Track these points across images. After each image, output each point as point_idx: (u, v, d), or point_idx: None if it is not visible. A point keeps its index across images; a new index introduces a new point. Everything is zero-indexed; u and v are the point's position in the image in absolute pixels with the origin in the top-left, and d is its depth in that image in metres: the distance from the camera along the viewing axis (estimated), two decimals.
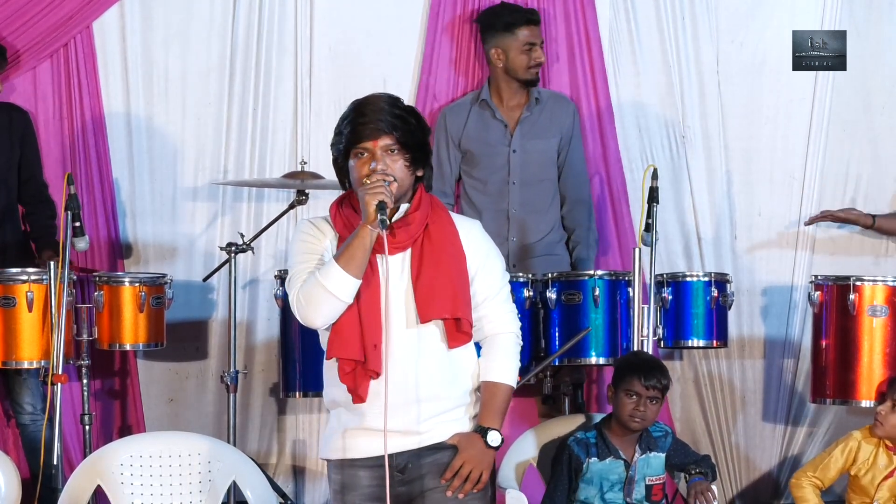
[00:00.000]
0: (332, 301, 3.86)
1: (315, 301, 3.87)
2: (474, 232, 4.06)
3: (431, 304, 3.91)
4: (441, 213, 4.02)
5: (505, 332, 4.04)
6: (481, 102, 6.30)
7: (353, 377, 3.91)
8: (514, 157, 6.25)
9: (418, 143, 3.96)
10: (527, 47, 6.23)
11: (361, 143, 3.91)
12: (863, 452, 5.58)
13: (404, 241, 3.93)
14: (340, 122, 3.98)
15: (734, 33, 6.67)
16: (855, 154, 6.71)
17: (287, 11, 6.49)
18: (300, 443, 6.52)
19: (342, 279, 3.84)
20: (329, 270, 3.86)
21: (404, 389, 3.90)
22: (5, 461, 5.07)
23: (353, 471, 3.96)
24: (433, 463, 3.95)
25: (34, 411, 5.97)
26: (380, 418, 3.85)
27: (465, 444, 3.95)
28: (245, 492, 5.02)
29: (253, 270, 6.47)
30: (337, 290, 3.85)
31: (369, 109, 3.94)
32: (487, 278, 4.01)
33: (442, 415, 3.95)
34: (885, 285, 5.88)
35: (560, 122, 6.29)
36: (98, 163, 6.40)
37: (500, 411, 4.00)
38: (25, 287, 5.65)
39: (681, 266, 6.55)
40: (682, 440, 5.46)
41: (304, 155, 6.36)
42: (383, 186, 3.84)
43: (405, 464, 3.94)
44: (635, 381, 5.12)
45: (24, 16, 6.28)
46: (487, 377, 4.01)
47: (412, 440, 3.93)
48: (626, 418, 5.13)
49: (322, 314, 3.89)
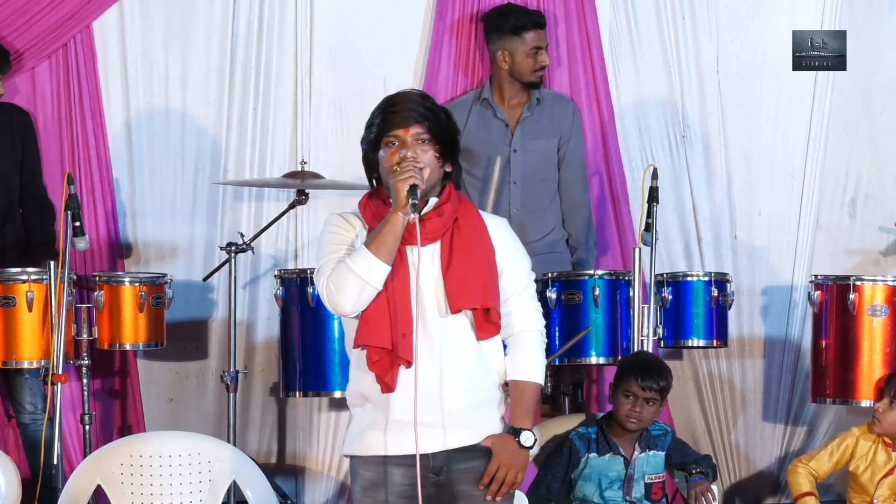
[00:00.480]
0: (362, 286, 3.86)
1: (345, 286, 3.86)
2: (502, 228, 4.07)
3: (462, 294, 3.91)
4: (470, 209, 4.04)
5: (530, 330, 4.04)
6: (482, 101, 6.30)
7: (381, 366, 3.89)
8: (514, 156, 6.25)
9: (448, 137, 3.98)
10: (533, 51, 6.23)
11: (392, 130, 3.92)
12: (860, 449, 5.59)
13: (434, 232, 3.94)
14: (372, 114, 3.99)
15: (734, 33, 6.67)
16: (855, 154, 6.71)
17: (287, 11, 6.49)
18: (300, 443, 6.52)
19: (372, 264, 3.85)
20: (359, 255, 3.86)
21: (434, 380, 3.89)
22: (6, 461, 5.07)
23: (386, 468, 3.94)
24: (468, 470, 3.94)
25: (35, 411, 5.97)
26: (409, 410, 3.86)
27: (500, 447, 3.95)
28: (245, 492, 5.02)
29: (253, 270, 6.47)
30: (367, 274, 3.85)
31: (401, 100, 3.96)
32: (515, 275, 4.02)
33: (472, 409, 3.94)
34: (885, 285, 5.88)
35: (560, 122, 6.29)
36: (98, 163, 6.40)
37: (530, 410, 4.01)
38: (25, 287, 5.65)
39: (681, 266, 6.55)
40: (681, 439, 5.46)
41: (304, 155, 6.36)
42: (414, 171, 3.85)
43: (440, 467, 3.93)
44: (632, 382, 5.12)
45: (24, 16, 6.28)
46: (516, 376, 4.01)
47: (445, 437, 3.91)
48: (623, 418, 5.13)
49: (351, 300, 3.87)
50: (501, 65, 6.27)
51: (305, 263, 6.42)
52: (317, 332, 5.78)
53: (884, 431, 5.52)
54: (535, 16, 6.32)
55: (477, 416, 3.95)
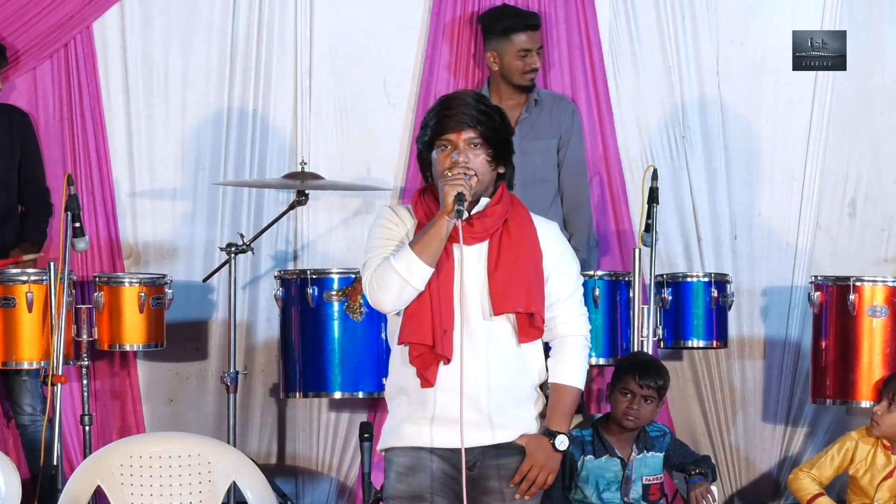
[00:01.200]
0: (404, 286, 3.89)
1: (387, 285, 3.90)
2: (552, 232, 4.09)
3: (506, 297, 3.94)
4: (521, 211, 4.06)
5: (575, 335, 4.05)
6: None
7: (422, 361, 3.92)
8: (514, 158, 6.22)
9: (501, 140, 4.00)
10: (522, 53, 6.21)
11: (445, 134, 3.95)
12: (860, 452, 5.58)
13: (482, 232, 3.97)
14: (427, 115, 4.02)
15: (734, 33, 6.66)
16: (855, 154, 6.70)
17: (287, 12, 6.49)
18: (300, 443, 6.52)
19: (415, 265, 3.88)
20: (403, 256, 3.90)
21: (473, 378, 3.91)
22: (5, 462, 5.06)
23: (423, 453, 3.96)
24: (502, 466, 3.97)
25: (34, 412, 5.97)
26: (447, 406, 3.89)
27: (534, 448, 3.97)
28: (245, 492, 5.02)
29: (253, 271, 6.47)
30: (409, 275, 3.88)
31: (456, 103, 3.97)
32: (563, 279, 4.04)
33: (510, 409, 3.97)
34: (884, 286, 5.88)
35: (559, 123, 6.29)
36: (98, 163, 6.40)
37: (567, 414, 4.03)
38: (25, 287, 5.65)
39: (681, 266, 6.55)
40: (680, 440, 5.46)
41: (303, 155, 6.36)
42: (463, 179, 3.87)
43: (474, 462, 3.96)
44: (630, 380, 5.13)
45: (25, 16, 6.28)
46: (556, 379, 4.03)
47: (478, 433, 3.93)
48: (620, 416, 5.14)
49: (392, 299, 3.92)
50: (492, 66, 6.27)
51: (305, 264, 6.43)
52: (317, 333, 5.78)
53: (883, 434, 5.52)
54: (526, 18, 6.28)
55: (513, 416, 3.98)
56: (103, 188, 6.40)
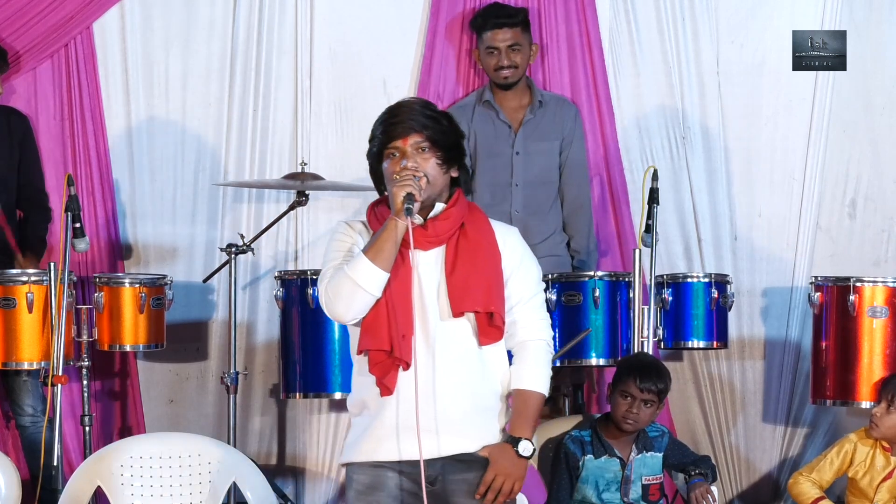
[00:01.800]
0: (360, 293, 3.85)
1: (343, 294, 3.86)
2: (511, 236, 4.04)
3: (464, 297, 3.89)
4: (478, 215, 4.02)
5: (536, 339, 3.99)
6: (485, 103, 6.29)
7: (381, 368, 3.87)
8: (517, 158, 6.24)
9: (450, 142, 3.96)
10: (489, 50, 6.22)
11: (392, 142, 3.93)
12: (859, 454, 5.58)
13: (439, 236, 3.93)
14: (373, 128, 4.00)
15: (734, 34, 6.66)
16: (855, 155, 6.70)
17: (287, 12, 6.49)
18: (300, 444, 6.52)
19: (370, 271, 3.84)
20: (357, 263, 3.86)
21: (431, 384, 3.87)
22: (6, 462, 5.07)
23: (382, 471, 3.91)
24: (463, 481, 3.91)
25: (34, 413, 5.97)
26: (403, 415, 3.85)
27: (497, 456, 3.91)
28: (245, 493, 5.02)
29: (253, 271, 6.47)
30: (364, 282, 3.84)
31: (401, 111, 3.96)
32: (521, 282, 3.98)
33: (470, 417, 3.91)
34: (885, 286, 5.88)
35: (562, 125, 6.29)
36: (98, 164, 6.40)
37: (531, 420, 3.96)
38: (25, 288, 5.65)
39: (681, 267, 6.55)
40: (679, 441, 5.45)
41: (304, 156, 6.36)
42: (412, 179, 3.84)
43: (435, 476, 3.90)
44: (630, 383, 5.12)
45: (25, 16, 6.28)
46: (519, 385, 3.96)
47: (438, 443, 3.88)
48: (620, 419, 5.14)
49: (349, 307, 3.87)
50: (478, 64, 6.30)
51: (306, 265, 6.42)
52: (317, 334, 5.78)
53: (882, 436, 5.50)
54: (494, 15, 6.25)
55: (474, 424, 3.92)
56: (103, 188, 6.40)
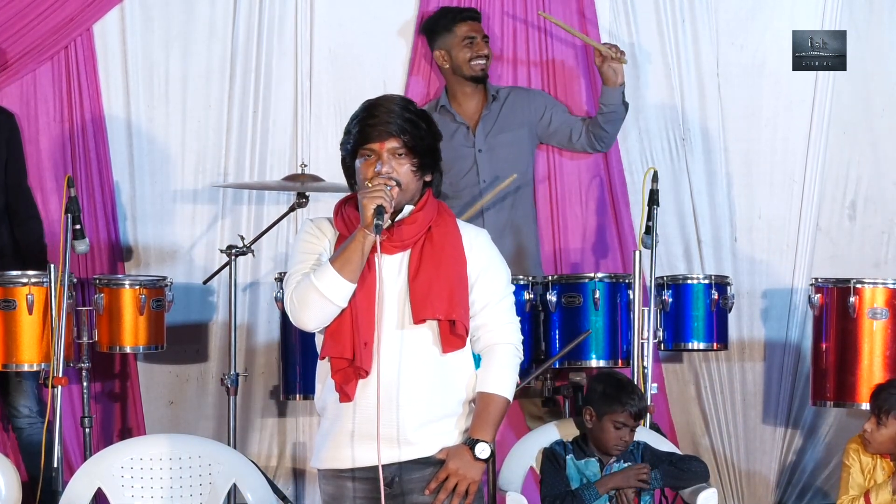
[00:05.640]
0: (325, 304, 3.80)
1: (308, 303, 3.81)
2: (480, 239, 3.98)
3: (426, 304, 3.83)
4: (446, 219, 3.95)
5: (504, 343, 3.94)
6: (441, 109, 6.30)
7: (342, 375, 3.83)
8: (480, 156, 6.27)
9: (427, 147, 3.89)
10: (467, 41, 6.26)
11: (368, 143, 3.85)
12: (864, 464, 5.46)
13: (406, 240, 3.88)
14: (351, 120, 3.92)
15: (734, 35, 6.67)
16: (855, 156, 6.71)
17: (287, 14, 6.49)
18: (300, 445, 6.52)
19: (337, 283, 3.79)
20: (324, 273, 3.80)
21: (393, 391, 3.82)
22: (6, 464, 5.06)
23: (342, 482, 3.90)
24: (420, 479, 3.87)
25: (30, 414, 5.96)
26: (366, 423, 3.81)
27: (452, 456, 3.86)
28: (245, 494, 5.02)
29: (253, 273, 6.47)
30: (331, 293, 3.79)
31: (380, 111, 3.87)
32: (489, 285, 3.92)
33: (431, 424, 3.87)
34: (885, 288, 5.88)
35: (526, 111, 6.31)
36: (98, 165, 6.40)
37: (492, 423, 3.90)
38: (25, 290, 5.65)
39: (681, 268, 6.55)
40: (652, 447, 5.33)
41: (304, 157, 6.36)
42: (383, 190, 3.76)
43: (392, 478, 3.86)
44: (626, 415, 5.07)
45: (25, 18, 6.27)
46: (483, 388, 3.91)
47: (399, 450, 3.84)
48: (611, 447, 5.09)
49: (315, 317, 3.83)
50: (443, 65, 6.33)
51: None
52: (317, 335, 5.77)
53: (877, 451, 5.37)
54: (464, 10, 6.36)
55: (433, 431, 3.87)
56: (103, 190, 6.40)
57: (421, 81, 6.51)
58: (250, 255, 6.12)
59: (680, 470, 5.17)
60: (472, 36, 6.26)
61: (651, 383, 5.71)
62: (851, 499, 5.37)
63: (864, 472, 5.43)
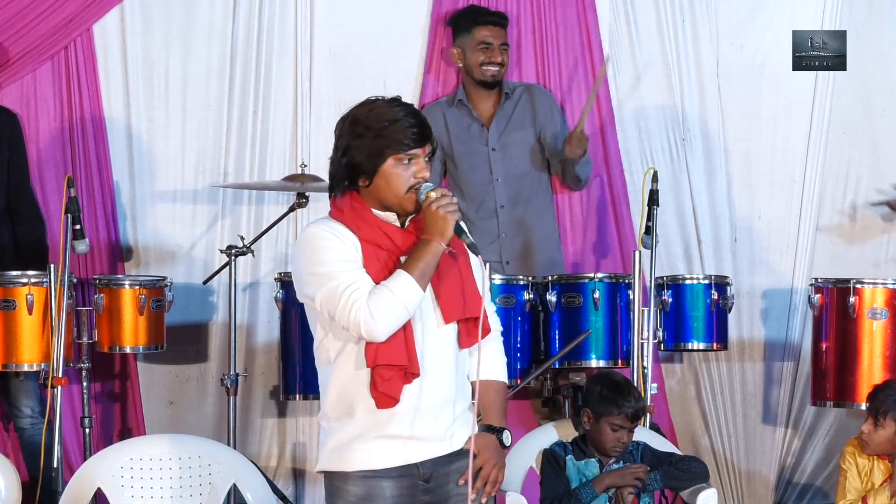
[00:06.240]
0: (404, 315, 3.76)
1: (390, 315, 3.74)
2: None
3: (455, 305, 3.86)
4: None
5: (493, 331, 4.01)
6: (458, 103, 6.30)
7: (393, 382, 3.79)
8: (493, 154, 6.27)
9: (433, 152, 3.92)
10: (483, 46, 6.24)
11: (414, 148, 3.81)
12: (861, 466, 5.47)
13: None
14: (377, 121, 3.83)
15: (734, 35, 6.67)
16: (855, 156, 6.71)
17: (287, 14, 6.49)
18: (300, 445, 6.52)
19: (416, 293, 3.76)
20: (404, 284, 3.75)
21: (435, 392, 3.85)
22: (5, 464, 5.06)
23: (376, 482, 3.85)
24: (457, 471, 3.89)
25: (32, 414, 5.97)
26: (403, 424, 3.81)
27: (485, 447, 3.90)
28: (245, 494, 5.02)
29: (253, 273, 6.47)
30: (410, 303, 3.76)
31: (417, 115, 3.84)
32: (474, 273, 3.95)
33: (459, 418, 3.91)
34: (885, 288, 5.88)
35: (535, 111, 6.31)
36: (98, 165, 6.40)
37: (504, 410, 3.99)
38: (25, 290, 5.65)
39: (681, 269, 6.55)
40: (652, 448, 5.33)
41: (304, 158, 6.36)
42: (456, 204, 3.78)
43: (430, 473, 3.88)
44: (623, 417, 5.07)
45: (25, 18, 6.28)
46: (490, 376, 3.97)
47: (439, 446, 3.87)
48: (609, 449, 5.10)
49: (392, 327, 3.76)
50: (456, 62, 6.32)
51: None
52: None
53: (874, 452, 5.37)
54: (486, 13, 6.32)
55: (460, 424, 3.91)
56: (103, 190, 6.40)
57: (435, 79, 6.50)
58: (250, 255, 6.12)
59: (680, 470, 5.16)
60: (488, 42, 6.24)
61: (651, 383, 5.71)
62: (849, 502, 5.37)
63: (861, 475, 5.43)
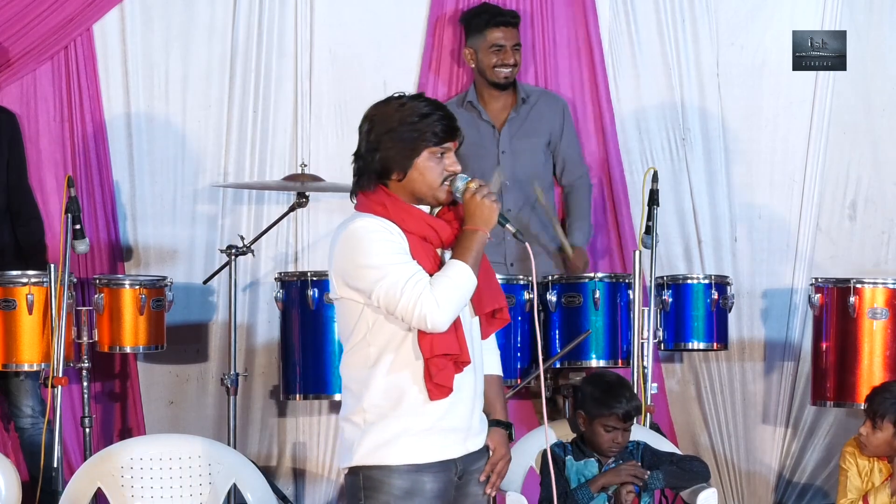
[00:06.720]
0: (464, 304, 3.83)
1: (455, 304, 3.77)
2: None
3: (485, 297, 3.91)
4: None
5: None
6: (467, 105, 6.29)
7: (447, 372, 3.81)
8: (503, 158, 6.26)
9: None
10: (496, 48, 6.22)
11: (449, 141, 3.87)
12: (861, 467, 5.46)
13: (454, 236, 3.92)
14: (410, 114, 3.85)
15: (734, 35, 6.67)
16: (855, 156, 6.71)
17: (287, 14, 6.49)
18: (300, 445, 6.53)
19: (473, 282, 3.82)
20: (463, 273, 3.79)
21: (472, 384, 3.89)
22: (5, 464, 5.06)
23: (419, 476, 3.85)
24: (478, 470, 3.95)
25: (33, 414, 5.96)
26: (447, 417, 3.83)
27: (498, 442, 3.98)
28: (245, 494, 5.02)
29: (253, 273, 6.47)
30: (470, 293, 3.82)
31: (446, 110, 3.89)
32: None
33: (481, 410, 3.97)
34: (885, 288, 5.88)
35: (549, 120, 6.30)
36: (98, 165, 6.40)
37: (506, 403, 4.07)
38: (26, 290, 5.65)
39: (681, 268, 6.55)
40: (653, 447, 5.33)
41: (304, 157, 6.37)
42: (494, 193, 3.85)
43: (463, 469, 3.92)
44: (615, 418, 5.04)
45: (25, 18, 6.28)
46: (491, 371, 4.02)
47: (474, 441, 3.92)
48: (605, 450, 5.09)
49: (454, 317, 3.80)
50: (469, 63, 6.30)
51: (306, 266, 6.42)
52: (317, 335, 5.78)
53: (873, 454, 5.37)
54: (501, 13, 6.29)
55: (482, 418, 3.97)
56: (103, 190, 6.40)
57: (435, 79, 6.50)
58: (250, 255, 6.12)
59: (681, 470, 5.16)
60: (500, 44, 6.21)
61: (651, 383, 5.72)
62: (850, 502, 5.37)
63: (862, 475, 5.42)
